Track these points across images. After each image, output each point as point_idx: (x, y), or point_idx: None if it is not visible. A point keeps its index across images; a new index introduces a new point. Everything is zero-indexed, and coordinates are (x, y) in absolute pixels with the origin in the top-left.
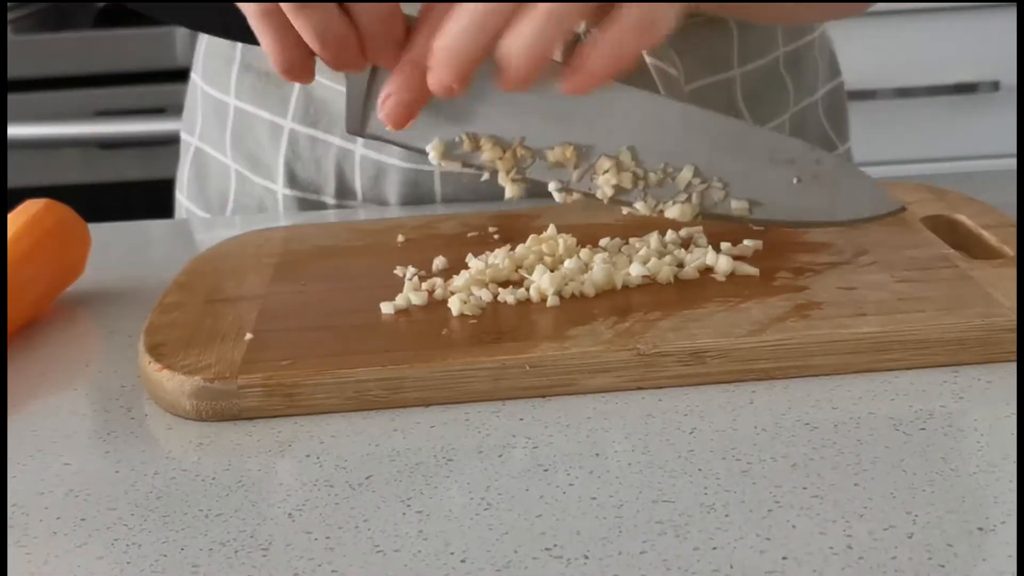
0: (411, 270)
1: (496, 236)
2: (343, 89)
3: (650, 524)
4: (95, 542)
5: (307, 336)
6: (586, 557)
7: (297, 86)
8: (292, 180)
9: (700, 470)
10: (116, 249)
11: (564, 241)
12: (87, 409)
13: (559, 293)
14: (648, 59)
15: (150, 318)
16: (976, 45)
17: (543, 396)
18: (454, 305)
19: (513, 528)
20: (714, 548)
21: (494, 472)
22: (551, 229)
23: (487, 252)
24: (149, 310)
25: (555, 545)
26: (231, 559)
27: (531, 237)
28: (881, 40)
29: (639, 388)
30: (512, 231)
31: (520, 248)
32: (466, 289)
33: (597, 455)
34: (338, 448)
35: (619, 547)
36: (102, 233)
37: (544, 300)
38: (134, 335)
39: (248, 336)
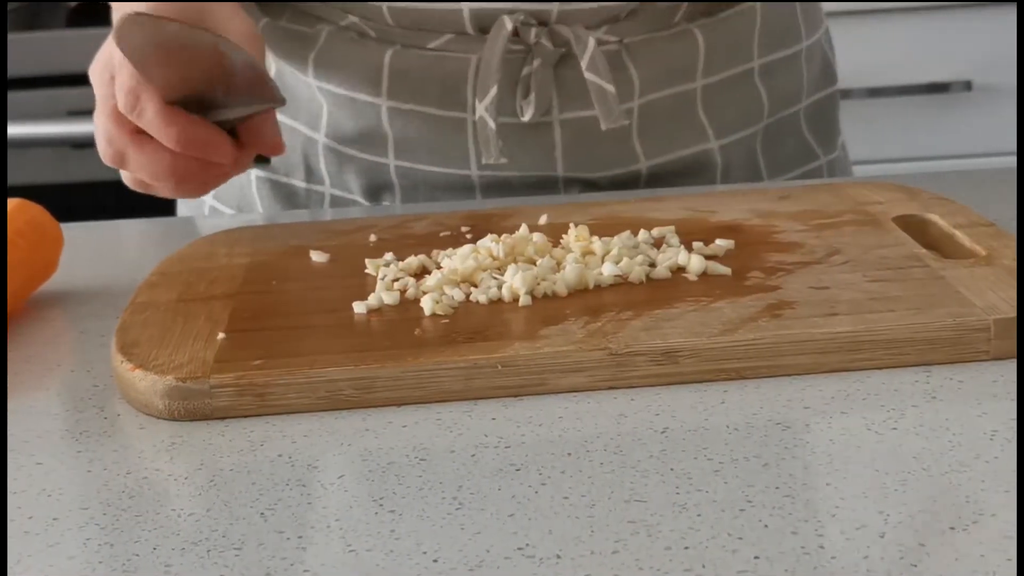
0: (386, 258)
1: (469, 236)
2: (309, 80)
3: (622, 524)
4: (67, 541)
5: (279, 336)
6: (558, 556)
7: (272, 70)
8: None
9: (672, 470)
10: (89, 249)
11: (536, 240)
12: (59, 409)
13: (531, 293)
14: (586, 75)
15: (122, 317)
16: (949, 45)
17: (515, 396)
18: (426, 305)
19: (485, 527)
20: (686, 548)
21: (466, 472)
22: (523, 229)
23: (453, 248)
24: (122, 310)
25: (527, 544)
26: (203, 558)
27: (503, 235)
28: (854, 40)
29: (611, 388)
30: (485, 231)
31: (487, 239)
32: (438, 288)
33: (569, 455)
34: (310, 448)
35: (591, 547)
36: (75, 233)
37: (516, 300)
38: (107, 335)
39: (220, 336)
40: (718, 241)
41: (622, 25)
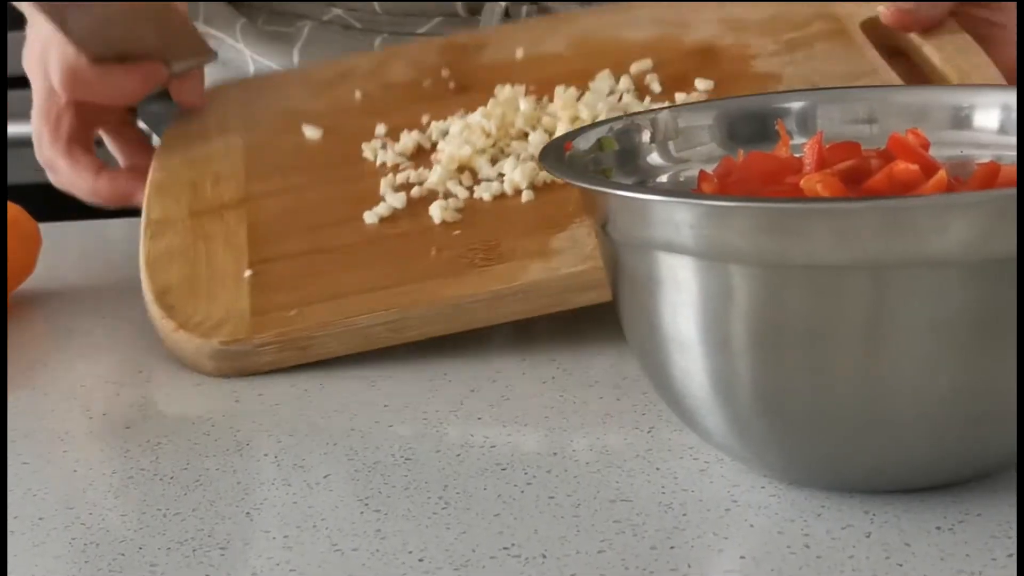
0: (379, 132)
1: (452, 84)
2: None
3: (608, 523)
4: (53, 541)
5: (302, 267)
6: (544, 556)
7: (251, 70)
8: None
9: (658, 469)
10: (71, 248)
11: (524, 106)
12: (45, 408)
13: (532, 185)
14: None
15: (145, 246)
16: None
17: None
18: (435, 214)
19: (471, 527)
20: (672, 547)
21: (452, 471)
22: (507, 91)
23: (442, 113)
24: (106, 309)
25: (513, 544)
26: (189, 558)
27: (490, 102)
28: None
29: None
30: (465, 75)
31: (476, 115)
32: (441, 184)
33: (555, 454)
34: (296, 447)
35: (577, 546)
36: (56, 232)
37: (519, 193)
38: (91, 334)
39: (247, 274)
40: (698, 84)
41: None
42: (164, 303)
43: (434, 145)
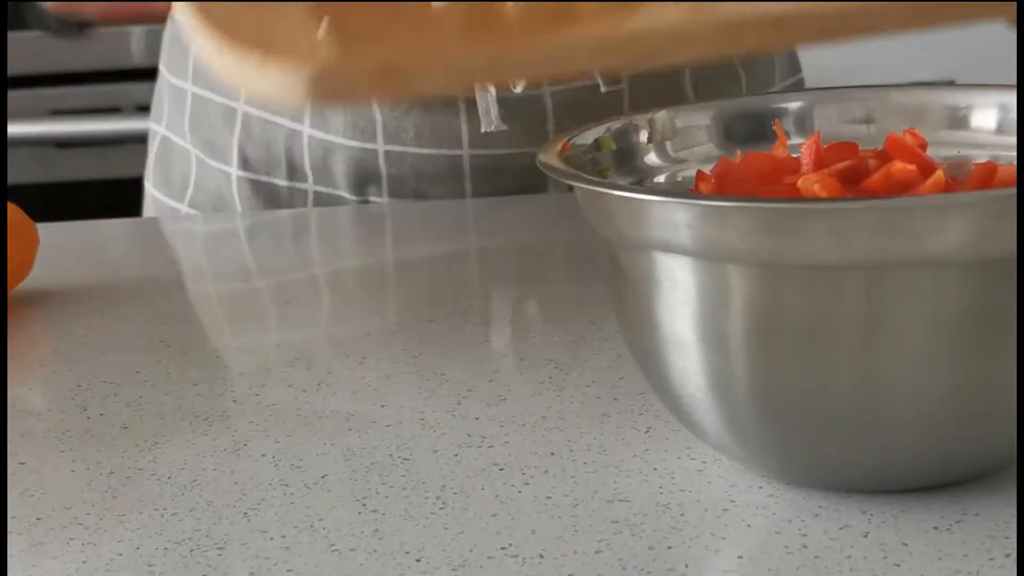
0: None
1: None
2: None
3: (605, 523)
4: (51, 541)
5: (383, 17)
6: (541, 556)
7: None
8: (245, 163)
9: (655, 469)
10: (68, 249)
11: None
12: (42, 408)
13: None
14: None
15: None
16: (932, 44)
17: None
18: None
19: (468, 527)
20: (669, 547)
21: (449, 471)
22: None
23: None
24: (105, 309)
25: (510, 544)
26: (187, 558)
27: None
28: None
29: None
30: None
31: None
32: None
33: (552, 454)
34: (293, 448)
35: (574, 546)
36: (53, 233)
37: None
38: (89, 334)
39: (324, 24)
40: None
41: None
42: (238, 37)
43: None
